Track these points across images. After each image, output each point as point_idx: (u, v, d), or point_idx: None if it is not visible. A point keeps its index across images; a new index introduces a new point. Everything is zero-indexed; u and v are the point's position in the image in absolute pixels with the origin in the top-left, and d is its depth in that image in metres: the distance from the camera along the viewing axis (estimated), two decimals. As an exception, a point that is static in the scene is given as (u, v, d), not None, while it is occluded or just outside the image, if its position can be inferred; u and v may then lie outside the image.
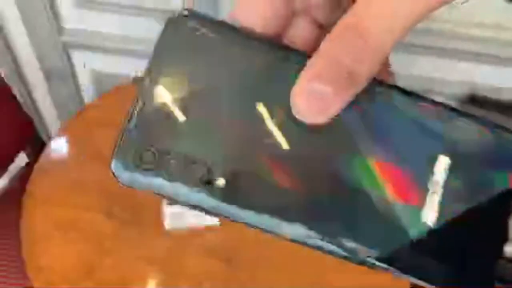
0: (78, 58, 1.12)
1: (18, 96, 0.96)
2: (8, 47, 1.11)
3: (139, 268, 0.67)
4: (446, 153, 0.15)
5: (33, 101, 1.25)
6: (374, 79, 0.15)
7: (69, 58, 1.11)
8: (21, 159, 0.99)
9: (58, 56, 1.10)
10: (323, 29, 0.17)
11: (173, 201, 0.16)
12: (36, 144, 1.01)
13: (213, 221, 0.70)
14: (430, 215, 0.15)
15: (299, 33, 0.17)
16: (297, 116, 0.15)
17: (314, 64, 0.15)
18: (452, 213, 0.15)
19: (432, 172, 0.15)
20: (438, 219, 0.15)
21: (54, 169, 0.78)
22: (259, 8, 0.16)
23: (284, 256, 0.69)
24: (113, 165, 0.17)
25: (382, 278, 0.68)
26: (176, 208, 0.67)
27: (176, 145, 0.15)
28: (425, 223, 0.15)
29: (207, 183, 0.15)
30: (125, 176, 0.17)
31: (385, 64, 0.17)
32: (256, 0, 0.16)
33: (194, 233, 0.70)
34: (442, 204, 0.15)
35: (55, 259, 0.66)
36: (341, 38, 0.15)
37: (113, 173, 0.17)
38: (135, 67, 1.07)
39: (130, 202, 0.73)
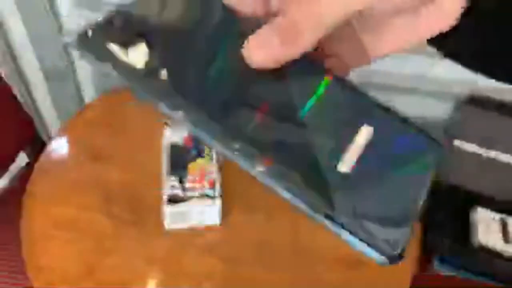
0: (78, 58, 1.12)
1: (18, 96, 0.96)
2: (9, 47, 1.11)
3: (139, 267, 0.67)
4: (368, 125, 0.19)
5: (33, 101, 1.26)
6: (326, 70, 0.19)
7: (69, 59, 1.12)
8: (22, 159, 0.99)
9: (58, 56, 1.10)
10: None
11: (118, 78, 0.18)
12: (36, 144, 1.01)
13: (213, 221, 0.70)
14: (346, 166, 0.18)
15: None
16: (247, 61, 0.18)
17: (274, 19, 0.18)
18: (366, 167, 0.18)
19: (355, 136, 0.18)
20: (353, 169, 0.18)
21: (54, 169, 0.78)
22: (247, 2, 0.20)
23: (284, 256, 0.69)
24: (79, 37, 0.18)
25: (382, 278, 0.68)
26: (176, 208, 0.67)
27: (142, 39, 0.18)
28: (341, 171, 0.18)
29: (152, 73, 0.18)
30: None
31: (338, 56, 0.21)
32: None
33: (194, 233, 0.70)
34: (359, 159, 0.18)
35: (55, 259, 0.66)
36: (297, 3, 0.18)
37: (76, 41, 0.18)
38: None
39: (130, 202, 0.73)
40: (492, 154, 1.06)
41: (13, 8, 1.00)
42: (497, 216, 1.01)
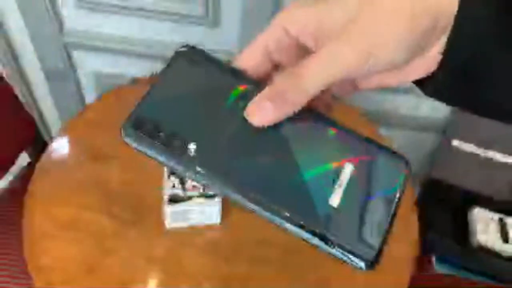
0: (79, 58, 1.12)
1: (19, 96, 0.96)
2: (10, 47, 1.11)
3: (140, 267, 0.67)
4: (350, 161, 0.23)
5: (34, 101, 1.26)
6: (311, 109, 0.23)
7: (70, 59, 1.12)
8: (23, 159, 1.00)
9: (59, 56, 1.10)
10: None
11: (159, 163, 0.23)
12: (38, 144, 1.02)
13: (214, 220, 0.70)
14: (334, 200, 0.22)
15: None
16: (248, 120, 0.23)
17: (268, 87, 0.23)
18: (351, 202, 0.22)
19: (340, 174, 0.23)
20: (340, 203, 0.22)
21: (55, 169, 0.78)
22: (250, 61, 0.25)
23: (284, 256, 0.69)
24: (122, 128, 0.23)
25: (381, 277, 0.68)
26: (177, 208, 0.67)
27: (166, 127, 0.23)
28: (330, 205, 0.22)
29: (182, 152, 0.22)
30: (128, 136, 0.23)
31: (324, 100, 0.25)
32: (249, 57, 0.25)
33: (195, 232, 0.70)
34: (344, 194, 0.22)
35: (56, 258, 0.67)
36: (286, 76, 0.22)
37: (122, 134, 0.23)
38: (135, 68, 1.08)
39: (131, 202, 0.73)
40: (491, 154, 1.06)
41: (14, 8, 1.01)
42: (496, 216, 1.01)
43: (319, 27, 0.23)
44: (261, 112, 0.23)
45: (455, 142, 1.08)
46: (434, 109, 1.11)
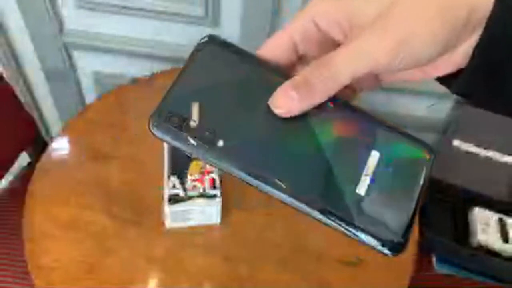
0: (79, 58, 1.12)
1: (19, 96, 0.96)
2: (10, 48, 1.11)
3: (140, 267, 0.67)
4: (377, 149, 0.23)
5: (34, 101, 1.26)
6: (335, 97, 0.23)
7: (70, 59, 1.12)
8: (23, 159, 1.00)
9: (59, 56, 1.10)
10: None
11: (186, 153, 0.23)
12: (38, 144, 1.02)
13: (214, 220, 0.70)
14: (362, 189, 0.22)
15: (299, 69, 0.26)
16: (273, 110, 0.23)
17: (294, 77, 0.23)
18: (378, 189, 0.23)
19: (366, 161, 0.23)
20: (368, 191, 0.22)
21: (55, 169, 0.78)
22: (275, 50, 0.24)
23: (284, 256, 0.69)
24: (150, 119, 0.23)
25: (381, 277, 0.68)
26: (177, 208, 0.67)
27: (193, 118, 0.23)
28: (358, 193, 0.22)
29: (210, 142, 0.22)
30: (156, 128, 0.23)
31: (350, 90, 0.25)
32: (274, 47, 0.24)
33: (195, 232, 0.70)
34: (372, 183, 0.23)
35: (56, 258, 0.67)
36: (314, 67, 0.22)
37: (149, 125, 0.23)
38: (135, 68, 1.08)
39: (131, 202, 0.73)
40: (491, 154, 1.06)
41: (14, 8, 1.01)
42: (496, 216, 1.01)
43: (349, 20, 0.23)
44: (287, 102, 0.22)
45: (455, 142, 1.08)
46: (434, 109, 1.11)
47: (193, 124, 0.23)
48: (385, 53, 0.21)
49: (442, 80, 0.24)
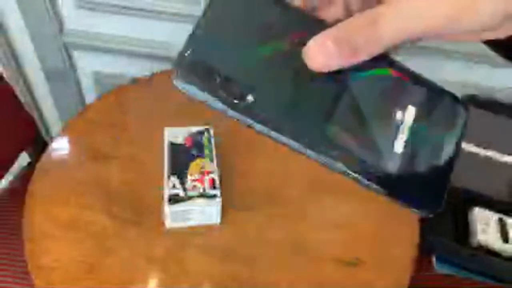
0: (79, 58, 1.12)
1: (20, 96, 0.96)
2: (10, 48, 1.11)
3: (140, 267, 0.67)
4: (413, 105, 0.22)
5: (34, 101, 1.26)
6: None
7: (70, 59, 1.12)
8: (23, 159, 1.00)
9: (59, 56, 1.10)
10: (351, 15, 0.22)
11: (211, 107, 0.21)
12: (38, 144, 1.02)
13: (214, 220, 0.70)
14: (398, 146, 0.21)
15: (332, 15, 0.23)
16: (306, 62, 0.20)
17: (335, 29, 0.20)
18: (415, 147, 0.22)
19: (403, 119, 0.22)
20: (404, 149, 0.21)
21: (55, 169, 0.78)
22: None
23: (284, 256, 0.69)
24: (174, 69, 0.21)
25: (381, 277, 0.68)
26: (177, 208, 0.67)
27: (222, 69, 0.21)
28: (395, 151, 0.21)
29: (238, 97, 0.21)
30: (180, 81, 0.21)
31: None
32: None
33: (195, 232, 0.70)
34: (408, 139, 0.22)
35: (57, 258, 0.67)
36: (361, 21, 0.20)
37: (174, 77, 0.21)
38: (135, 68, 1.08)
39: (131, 202, 0.73)
40: (491, 154, 1.06)
41: (14, 8, 1.01)
42: (496, 216, 1.01)
43: None
44: (325, 56, 0.20)
45: (455, 142, 1.08)
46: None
47: (220, 76, 0.21)
48: (443, 17, 0.19)
49: (491, 43, 0.22)
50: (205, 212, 0.69)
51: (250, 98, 0.21)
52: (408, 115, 0.22)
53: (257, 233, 0.71)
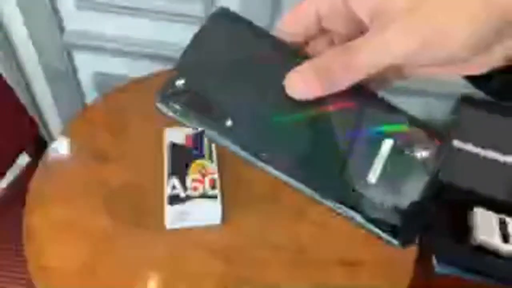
0: (79, 58, 1.12)
1: (20, 97, 0.96)
2: (10, 48, 1.11)
3: (140, 267, 0.67)
4: (390, 138, 0.22)
5: (35, 102, 1.26)
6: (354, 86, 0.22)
7: (70, 59, 1.12)
8: (23, 159, 1.00)
9: (59, 57, 1.10)
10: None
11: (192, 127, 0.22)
12: (38, 144, 1.02)
13: (214, 221, 0.70)
14: (372, 176, 0.22)
15: (316, 47, 0.25)
16: (287, 91, 0.22)
17: (314, 59, 0.21)
18: (389, 177, 0.22)
19: (379, 150, 0.22)
20: (378, 179, 0.22)
21: (55, 169, 0.78)
22: (297, 26, 0.24)
23: (284, 256, 0.69)
24: (157, 94, 0.22)
25: (382, 278, 0.68)
26: (177, 208, 0.67)
27: (204, 92, 0.22)
28: (368, 180, 0.22)
29: (219, 123, 0.22)
30: (160, 103, 0.22)
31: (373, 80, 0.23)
32: (299, 14, 0.24)
33: (195, 232, 0.70)
34: (383, 170, 0.22)
35: (57, 258, 0.67)
36: (338, 52, 0.21)
37: (156, 101, 0.22)
38: (135, 68, 1.08)
39: (131, 202, 0.73)
40: (491, 154, 1.06)
41: (15, 9, 1.01)
42: (496, 216, 1.01)
43: (380, 5, 0.21)
44: (304, 83, 0.21)
45: (455, 142, 1.08)
46: (436, 109, 1.11)
47: (201, 100, 0.22)
48: (412, 48, 0.20)
49: (470, 78, 0.23)
50: (205, 213, 0.69)
51: (228, 122, 0.22)
52: (384, 147, 0.22)
53: (257, 233, 0.71)
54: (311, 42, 0.25)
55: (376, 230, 0.22)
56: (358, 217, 0.22)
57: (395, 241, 0.21)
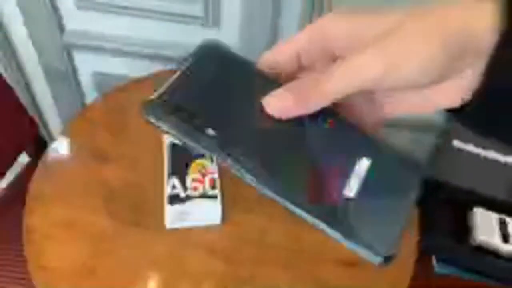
0: (79, 58, 1.12)
1: (20, 97, 0.96)
2: (10, 48, 1.11)
3: (140, 267, 0.67)
4: (367, 157, 0.24)
5: (35, 101, 1.26)
6: (330, 109, 0.24)
7: (70, 59, 1.12)
8: (23, 159, 1.00)
9: (59, 56, 1.10)
10: None
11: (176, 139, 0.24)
12: (38, 144, 1.02)
13: (214, 220, 0.70)
14: (348, 192, 0.23)
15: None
16: (266, 108, 0.24)
17: (292, 82, 0.24)
18: (365, 196, 0.23)
19: (355, 169, 0.23)
20: (354, 196, 0.23)
21: (56, 169, 0.78)
22: (279, 57, 0.26)
23: (284, 256, 0.69)
24: (144, 107, 0.24)
25: (381, 278, 0.68)
26: (177, 208, 0.67)
27: (188, 105, 0.24)
28: (343, 196, 0.23)
29: (202, 132, 0.23)
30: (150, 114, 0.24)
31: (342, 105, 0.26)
32: (279, 52, 0.26)
33: (195, 232, 0.70)
34: (359, 189, 0.23)
35: (57, 258, 0.67)
36: (313, 77, 0.23)
37: (144, 113, 0.24)
38: (135, 68, 1.08)
39: (131, 202, 0.73)
40: (492, 154, 1.06)
41: (15, 9, 1.01)
42: (496, 216, 1.01)
43: (354, 36, 0.24)
44: (282, 102, 0.24)
45: (455, 142, 1.08)
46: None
47: (184, 111, 0.23)
48: (376, 73, 0.22)
49: (452, 112, 0.25)
50: (205, 212, 0.69)
51: (210, 132, 0.23)
52: (360, 167, 0.24)
53: (257, 233, 0.71)
54: (293, 74, 0.27)
55: (353, 246, 0.22)
56: (337, 235, 0.22)
57: (375, 259, 0.22)
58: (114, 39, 1.05)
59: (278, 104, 0.24)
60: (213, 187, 0.68)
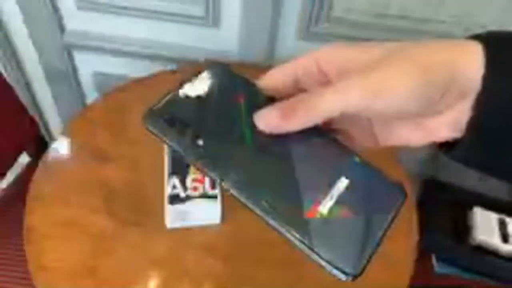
0: (80, 58, 1.13)
1: (20, 97, 0.96)
2: (10, 48, 1.11)
3: (140, 267, 0.67)
4: (348, 177, 0.25)
5: (35, 101, 1.26)
6: (318, 127, 0.25)
7: (70, 59, 1.12)
8: (23, 159, 1.00)
9: (59, 56, 1.10)
10: None
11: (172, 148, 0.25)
12: (38, 144, 1.02)
13: (214, 220, 0.71)
14: (324, 209, 0.23)
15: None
16: (257, 123, 0.25)
17: (284, 101, 0.25)
18: (340, 213, 0.23)
19: (334, 187, 0.24)
20: (329, 212, 0.23)
21: (56, 169, 0.78)
22: (278, 79, 0.27)
23: (284, 256, 0.69)
24: (145, 116, 0.26)
25: (381, 278, 0.68)
26: (177, 208, 0.67)
27: (183, 117, 0.26)
28: (320, 214, 0.23)
29: (193, 143, 0.25)
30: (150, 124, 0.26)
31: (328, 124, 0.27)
32: (278, 74, 0.27)
33: (195, 232, 0.70)
34: (334, 206, 0.24)
35: (57, 258, 0.67)
36: (304, 97, 0.25)
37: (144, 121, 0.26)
38: (135, 68, 1.08)
39: (132, 202, 0.73)
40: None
41: (15, 8, 1.01)
42: (496, 216, 1.01)
43: (345, 66, 0.25)
44: (272, 118, 0.25)
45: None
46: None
47: (178, 122, 0.25)
48: (362, 95, 0.23)
49: (443, 146, 0.26)
50: (205, 212, 0.69)
51: (200, 142, 0.25)
52: (339, 185, 0.24)
53: (257, 233, 0.71)
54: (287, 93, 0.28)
55: (322, 262, 0.23)
56: (303, 246, 0.23)
57: (340, 277, 0.23)
58: (114, 39, 1.05)
59: (268, 119, 0.25)
60: (213, 187, 0.68)
